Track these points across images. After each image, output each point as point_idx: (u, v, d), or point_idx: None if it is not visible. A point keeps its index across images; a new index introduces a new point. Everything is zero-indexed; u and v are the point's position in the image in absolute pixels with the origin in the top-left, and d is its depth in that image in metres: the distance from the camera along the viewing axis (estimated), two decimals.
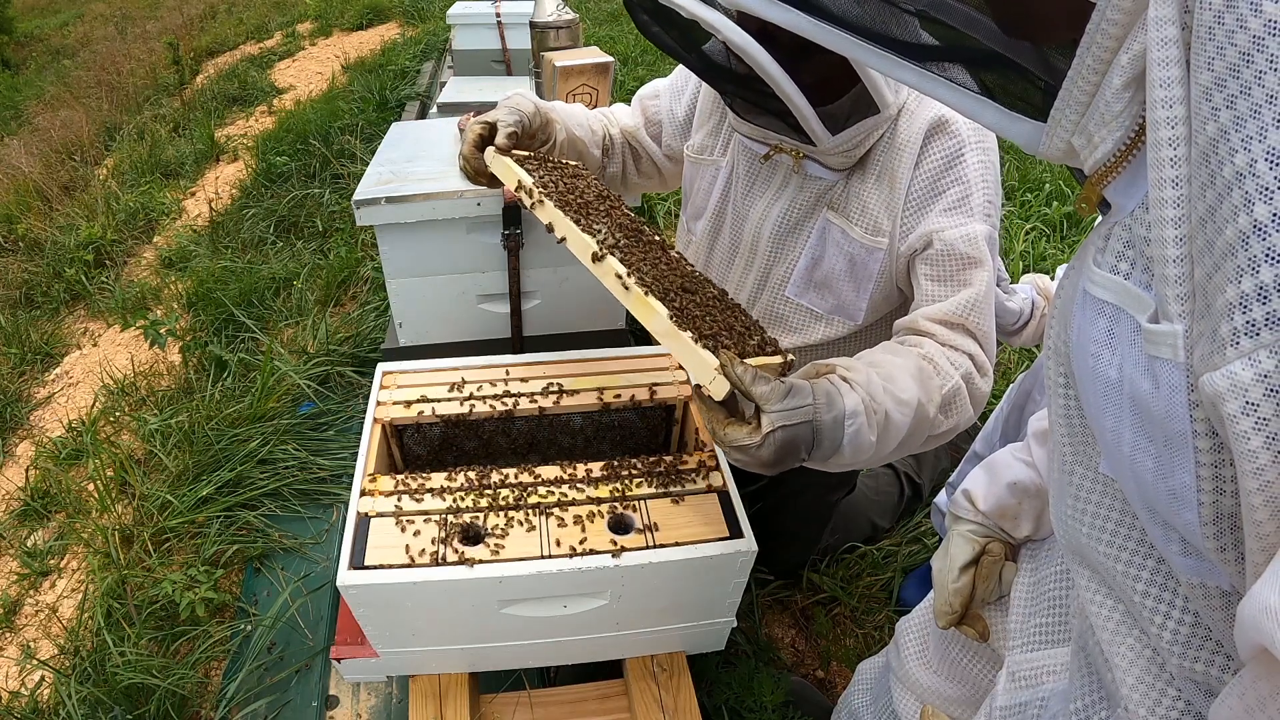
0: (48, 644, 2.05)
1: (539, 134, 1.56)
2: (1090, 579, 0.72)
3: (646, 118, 1.68)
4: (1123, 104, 0.55)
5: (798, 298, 1.46)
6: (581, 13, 3.75)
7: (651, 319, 1.13)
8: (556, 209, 1.29)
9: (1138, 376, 0.54)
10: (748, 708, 1.72)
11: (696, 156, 1.57)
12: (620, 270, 1.19)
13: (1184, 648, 0.62)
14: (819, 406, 1.01)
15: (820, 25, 0.72)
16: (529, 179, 1.36)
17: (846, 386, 1.05)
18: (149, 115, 6.76)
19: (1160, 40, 0.48)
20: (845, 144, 1.28)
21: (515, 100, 1.55)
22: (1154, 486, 0.55)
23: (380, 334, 2.94)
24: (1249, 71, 0.43)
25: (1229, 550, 0.52)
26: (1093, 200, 0.62)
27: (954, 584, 1.05)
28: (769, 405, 0.99)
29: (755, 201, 1.46)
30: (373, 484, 1.29)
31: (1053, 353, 0.71)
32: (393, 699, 1.71)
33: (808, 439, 1.01)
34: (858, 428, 1.03)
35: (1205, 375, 0.46)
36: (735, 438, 1.00)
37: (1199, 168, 0.47)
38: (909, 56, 0.69)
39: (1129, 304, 0.56)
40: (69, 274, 4.04)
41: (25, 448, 2.96)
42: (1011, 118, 0.65)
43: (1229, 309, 0.44)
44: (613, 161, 1.70)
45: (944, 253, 1.29)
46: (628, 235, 1.32)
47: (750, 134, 1.41)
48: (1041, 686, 0.87)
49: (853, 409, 1.03)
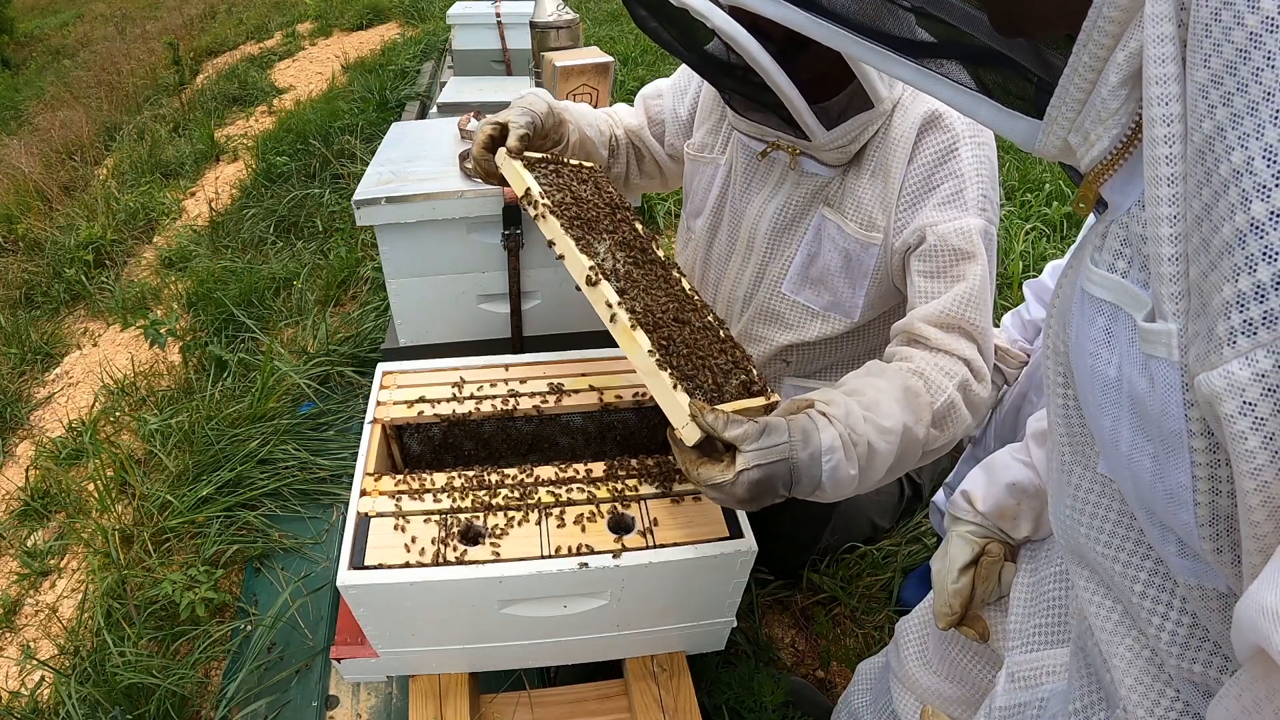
0: (48, 644, 2.05)
1: (552, 134, 1.54)
2: (1089, 579, 0.72)
3: (649, 117, 1.68)
4: (1119, 101, 0.54)
5: (794, 294, 1.46)
6: (581, 13, 3.75)
7: (634, 353, 1.13)
8: (559, 225, 1.28)
9: (1135, 375, 0.54)
10: (748, 708, 1.72)
11: (696, 154, 1.57)
12: (611, 298, 1.19)
13: (1182, 649, 0.62)
14: (795, 444, 1.01)
15: (816, 21, 0.72)
16: (536, 188, 1.34)
17: (825, 421, 1.04)
18: (149, 115, 6.76)
19: (1156, 37, 0.48)
20: (840, 139, 1.29)
21: (528, 100, 1.52)
22: (1151, 487, 0.55)
23: (380, 334, 2.94)
24: (1245, 68, 0.43)
25: (1226, 552, 0.52)
26: (1090, 199, 0.62)
27: (953, 585, 1.05)
28: (744, 445, 0.99)
29: (752, 198, 1.46)
30: (373, 484, 1.29)
31: (1051, 352, 0.70)
32: (393, 699, 1.71)
33: (785, 476, 1.00)
34: (835, 463, 1.02)
35: (1202, 375, 0.46)
36: (708, 477, 1.01)
37: (1194, 166, 0.47)
38: (905, 53, 0.68)
39: (1126, 302, 0.56)
40: (69, 274, 4.04)
41: (25, 448, 2.96)
42: (1008, 114, 0.65)
43: (1225, 308, 0.44)
44: (617, 162, 1.70)
45: (937, 247, 1.27)
46: (630, 255, 1.32)
47: (748, 131, 1.42)
48: (1041, 687, 0.87)
49: (829, 444, 1.02)
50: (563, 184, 1.41)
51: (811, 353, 1.49)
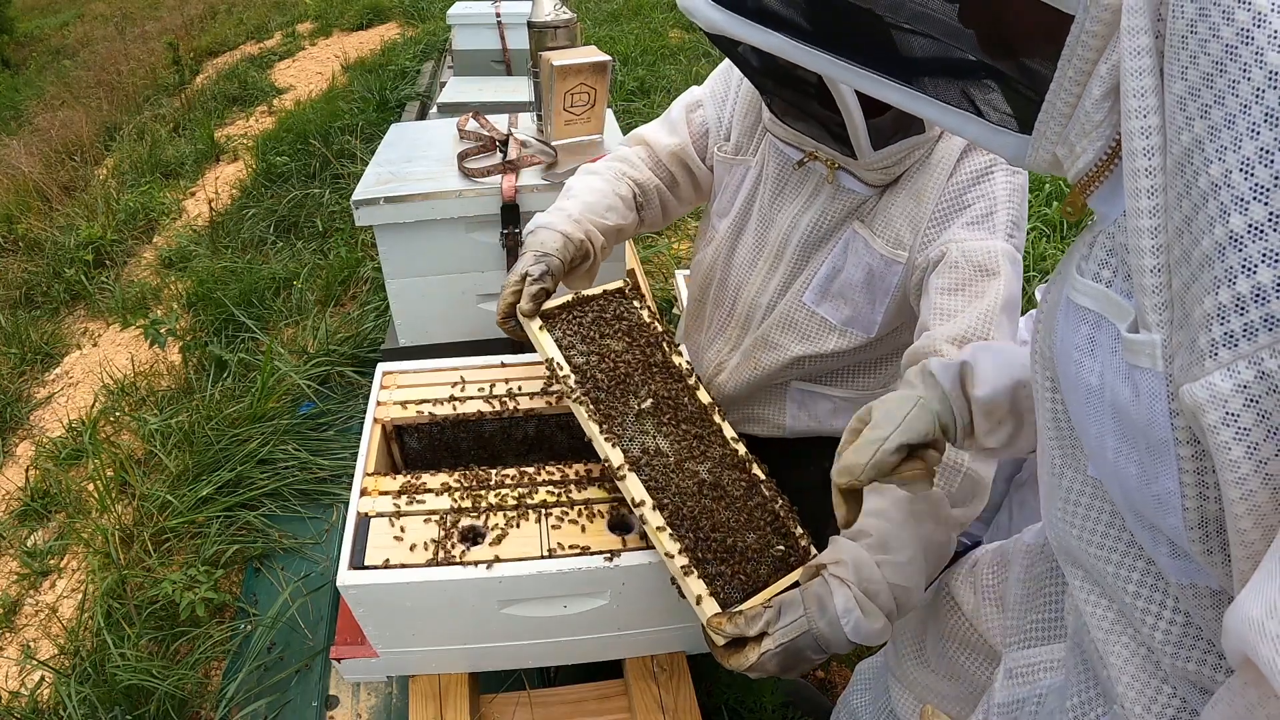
0: (48, 644, 2.05)
1: (576, 258, 1.43)
2: (1083, 580, 0.72)
3: (692, 131, 1.58)
4: (1102, 114, 0.55)
5: (814, 305, 1.43)
6: (581, 13, 3.75)
7: (661, 551, 1.14)
8: (583, 409, 1.26)
9: (1118, 384, 0.54)
10: (748, 708, 1.72)
11: (730, 157, 1.52)
12: (639, 495, 1.17)
13: (1176, 647, 0.62)
14: (811, 615, 1.02)
15: (799, 47, 0.71)
16: (560, 359, 1.31)
17: (837, 583, 1.04)
18: (149, 115, 6.76)
19: (1134, 50, 0.48)
20: (885, 160, 1.25)
21: (541, 239, 1.39)
22: (1139, 492, 0.55)
23: (380, 334, 2.94)
24: (1222, 80, 0.43)
25: (1216, 553, 0.52)
26: (1078, 206, 0.62)
27: (884, 452, 0.87)
28: (769, 629, 1.02)
29: (784, 206, 1.42)
30: (373, 484, 1.29)
31: (1039, 358, 0.71)
32: (393, 699, 1.71)
33: (812, 644, 1.02)
34: (854, 622, 1.01)
35: (1185, 386, 0.46)
36: (736, 664, 1.03)
37: (1174, 177, 0.47)
38: (890, 75, 0.68)
39: (1110, 312, 0.56)
40: (69, 274, 4.05)
41: (25, 448, 2.96)
42: (996, 131, 0.65)
43: (1207, 320, 0.44)
44: (649, 208, 1.60)
45: (959, 262, 1.23)
46: (664, 415, 1.29)
47: (785, 138, 1.37)
48: (1038, 683, 0.87)
49: (844, 608, 1.02)
50: (589, 333, 1.37)
51: (827, 364, 1.47)
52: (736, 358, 1.51)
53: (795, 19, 0.71)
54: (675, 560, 1.12)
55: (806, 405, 1.54)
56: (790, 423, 1.55)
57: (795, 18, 0.71)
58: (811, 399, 1.53)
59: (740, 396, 1.54)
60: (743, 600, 1.11)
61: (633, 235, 1.62)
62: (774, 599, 1.05)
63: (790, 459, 1.47)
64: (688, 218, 3.85)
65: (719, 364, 1.55)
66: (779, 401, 1.54)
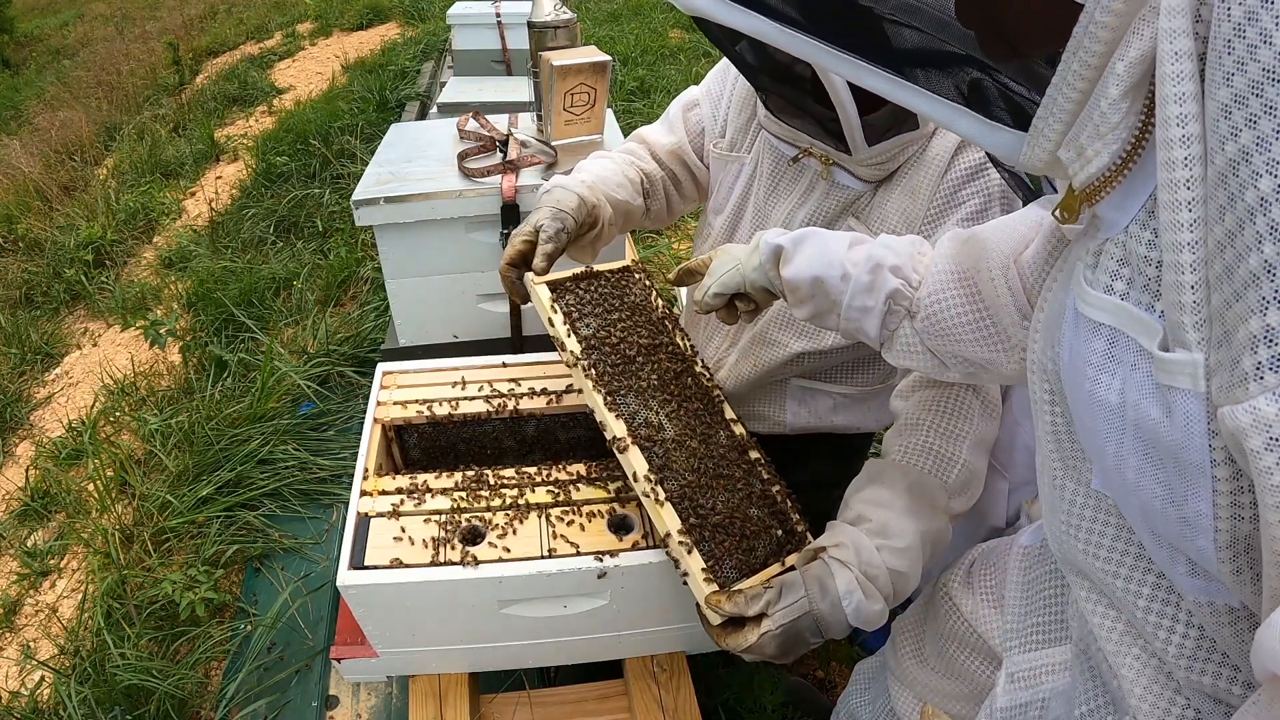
0: (48, 644, 2.05)
1: (586, 224, 1.42)
2: (1090, 590, 0.71)
3: (689, 130, 1.59)
4: (1120, 115, 0.51)
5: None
6: (581, 13, 3.75)
7: (662, 527, 1.13)
8: (586, 379, 1.24)
9: (1144, 403, 0.52)
10: (747, 708, 1.72)
11: (725, 153, 1.52)
12: (640, 469, 1.15)
13: (1190, 660, 0.61)
14: (813, 596, 1.02)
15: (786, 32, 0.69)
16: (564, 333, 1.27)
17: (838, 565, 1.04)
18: (149, 115, 6.76)
19: (1173, 54, 0.45)
20: (879, 155, 1.25)
21: (558, 197, 1.38)
22: (1163, 514, 0.53)
23: (380, 334, 2.94)
24: (1273, 89, 0.40)
25: (1245, 572, 0.50)
26: (1074, 210, 0.59)
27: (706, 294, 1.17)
28: (770, 610, 1.02)
29: (779, 203, 1.42)
30: (373, 484, 1.29)
31: (1036, 368, 0.68)
32: (393, 699, 1.71)
33: (810, 626, 1.02)
34: (856, 604, 1.02)
35: (1226, 408, 0.44)
36: (734, 645, 1.03)
37: (1216, 189, 0.44)
38: (878, 63, 0.66)
39: (1129, 327, 0.54)
40: (69, 274, 4.05)
41: (25, 448, 2.96)
42: (990, 127, 0.62)
43: (1252, 341, 0.42)
44: (655, 200, 1.61)
45: None
46: (668, 395, 1.27)
47: (780, 134, 1.37)
48: (1041, 686, 0.87)
49: (845, 589, 1.02)
50: (595, 309, 1.34)
51: (823, 359, 1.47)
52: (735, 354, 1.52)
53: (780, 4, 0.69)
54: (674, 538, 1.11)
55: (806, 402, 1.54)
56: (791, 419, 1.55)
57: (780, 3, 0.69)
58: (811, 396, 1.53)
59: (740, 393, 1.54)
60: (739, 581, 1.11)
61: (638, 224, 1.62)
62: (773, 579, 1.05)
63: (791, 455, 1.47)
64: (688, 218, 3.85)
65: (718, 361, 1.55)
66: (779, 398, 1.55)
